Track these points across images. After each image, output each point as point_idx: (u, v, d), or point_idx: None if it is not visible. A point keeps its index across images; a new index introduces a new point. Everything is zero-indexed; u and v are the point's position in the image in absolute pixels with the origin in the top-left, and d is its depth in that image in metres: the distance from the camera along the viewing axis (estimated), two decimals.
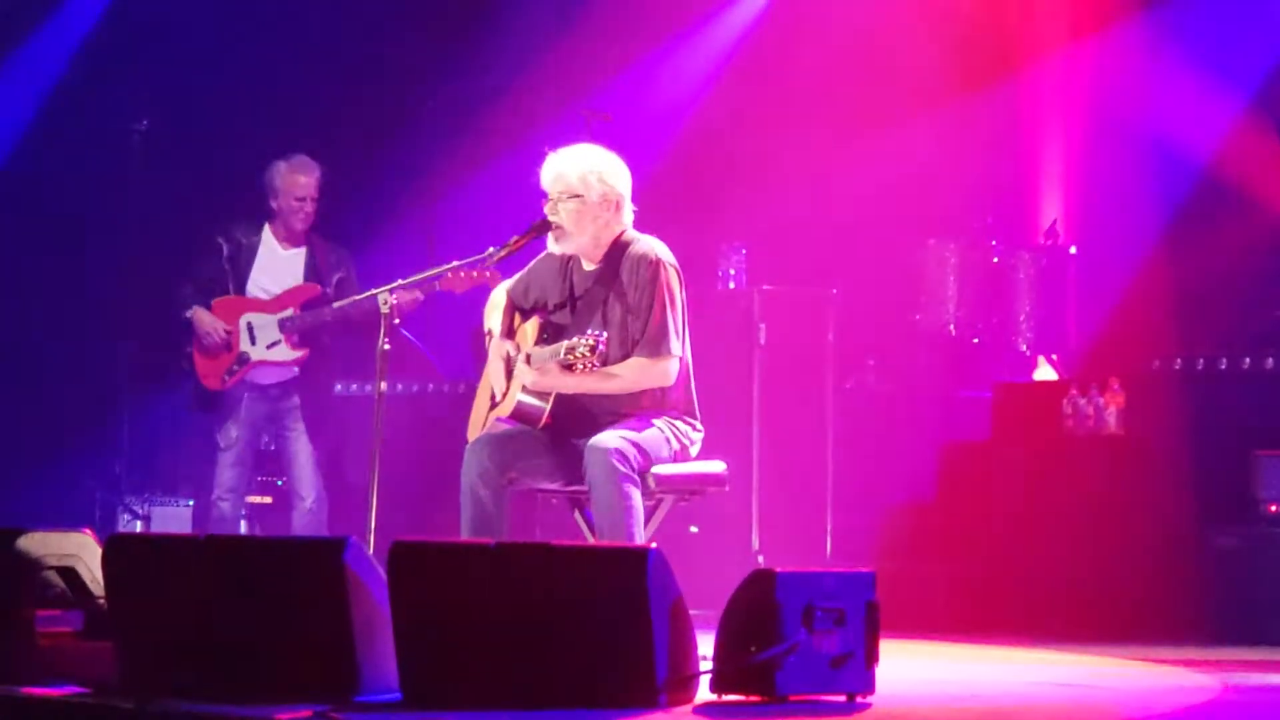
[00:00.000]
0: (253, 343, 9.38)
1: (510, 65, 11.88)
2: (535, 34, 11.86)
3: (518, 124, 11.42)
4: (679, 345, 6.86)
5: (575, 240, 6.94)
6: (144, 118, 11.26)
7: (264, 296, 9.43)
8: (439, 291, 8.86)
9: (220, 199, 10.09)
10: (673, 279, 6.89)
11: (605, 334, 6.69)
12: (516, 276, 7.24)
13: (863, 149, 11.18)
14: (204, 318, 9.40)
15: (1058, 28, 11.24)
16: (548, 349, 6.82)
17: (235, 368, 9.37)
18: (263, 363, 9.39)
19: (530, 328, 7.07)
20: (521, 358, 6.91)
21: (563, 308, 7.04)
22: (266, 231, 9.52)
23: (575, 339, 6.64)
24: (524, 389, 6.85)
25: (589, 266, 7.00)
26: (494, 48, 11.99)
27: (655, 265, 6.87)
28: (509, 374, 7.00)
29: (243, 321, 9.39)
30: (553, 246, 6.99)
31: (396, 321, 7.21)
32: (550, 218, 6.94)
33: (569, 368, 6.64)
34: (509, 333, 7.12)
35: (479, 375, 7.32)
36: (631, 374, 6.84)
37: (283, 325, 9.36)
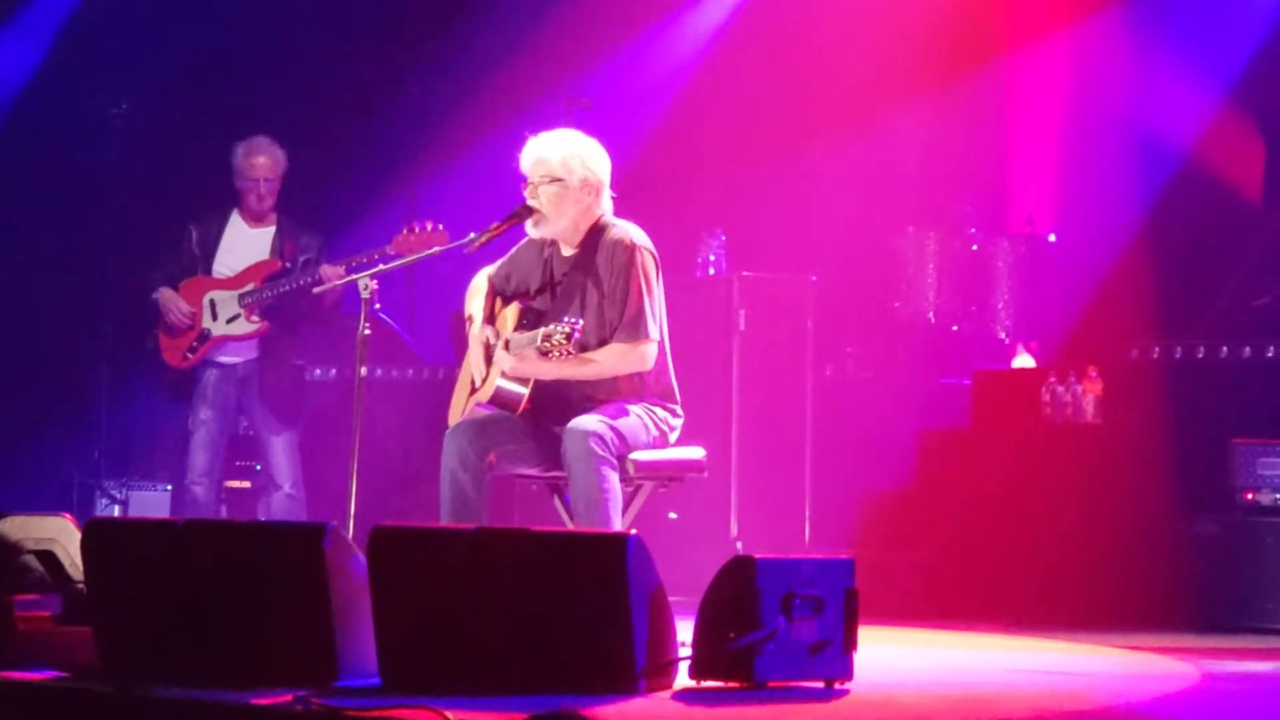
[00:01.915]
0: (214, 319, 9.38)
1: (492, 51, 11.86)
2: (517, 20, 11.84)
3: (499, 109, 11.40)
4: (656, 329, 6.87)
5: (554, 225, 6.93)
6: (123, 101, 11.25)
7: (228, 274, 9.44)
8: (392, 255, 8.82)
9: (200, 183, 10.07)
10: (649, 264, 6.89)
11: (581, 321, 6.69)
12: (498, 263, 7.24)
13: (842, 136, 11.19)
14: (167, 297, 9.42)
15: (1038, 16, 11.24)
16: (525, 335, 6.82)
17: (196, 344, 9.37)
18: (224, 338, 9.38)
19: (510, 313, 7.07)
20: (500, 344, 6.91)
21: (543, 293, 7.04)
22: (235, 214, 9.54)
23: (552, 326, 6.64)
24: (503, 374, 6.86)
25: (568, 252, 7.00)
26: (476, 33, 11.98)
27: (631, 250, 6.87)
28: (488, 360, 7.00)
29: (205, 299, 9.40)
30: (531, 231, 6.99)
31: (377, 306, 7.20)
32: (529, 202, 6.94)
33: (545, 354, 6.64)
34: (490, 319, 7.12)
35: (459, 360, 7.32)
36: (610, 359, 6.85)
37: (242, 299, 9.36)
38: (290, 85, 11.72)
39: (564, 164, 6.91)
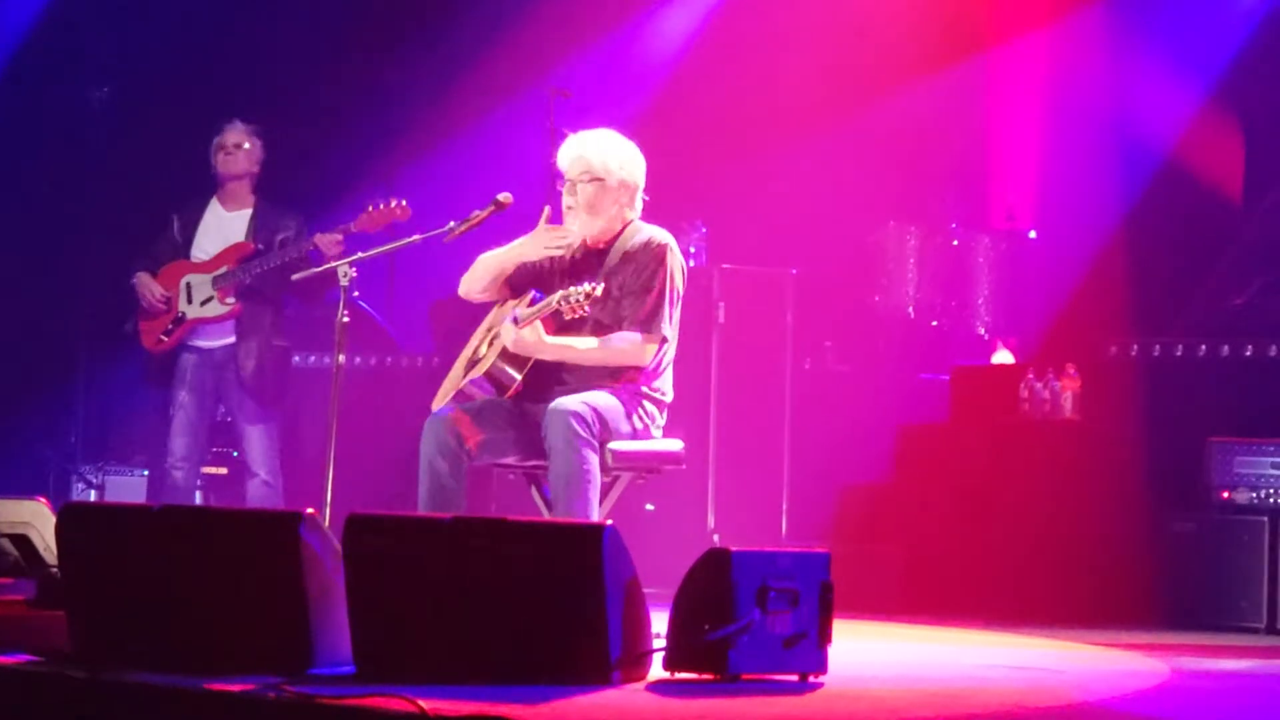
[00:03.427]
0: (189, 302, 9.37)
1: (473, 40, 11.85)
2: (499, 10, 11.82)
3: (479, 99, 11.40)
4: (669, 330, 6.88)
5: (590, 223, 6.95)
6: (105, 84, 11.23)
7: (205, 258, 9.43)
8: (355, 234, 8.87)
9: (181, 166, 10.06)
10: (677, 268, 6.92)
11: (602, 285, 6.68)
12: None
13: (824, 130, 11.19)
14: (143, 282, 9.42)
15: (1019, 13, 11.25)
16: (531, 309, 6.78)
17: (171, 327, 9.36)
18: (198, 320, 9.37)
19: (522, 303, 7.02)
20: (509, 318, 6.86)
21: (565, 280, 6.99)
22: (214, 199, 9.53)
23: (572, 288, 6.64)
24: (503, 352, 6.83)
25: (596, 244, 6.99)
26: (457, 22, 11.96)
27: (663, 248, 6.90)
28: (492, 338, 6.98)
29: (182, 283, 9.39)
30: (572, 225, 6.95)
31: (356, 294, 7.20)
32: (567, 199, 6.94)
33: (558, 313, 6.64)
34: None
35: (439, 349, 7.30)
36: (613, 345, 6.83)
37: (216, 282, 9.36)
38: (271, 72, 11.69)
39: (604, 164, 6.95)
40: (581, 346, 6.83)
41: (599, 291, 6.66)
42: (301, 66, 11.85)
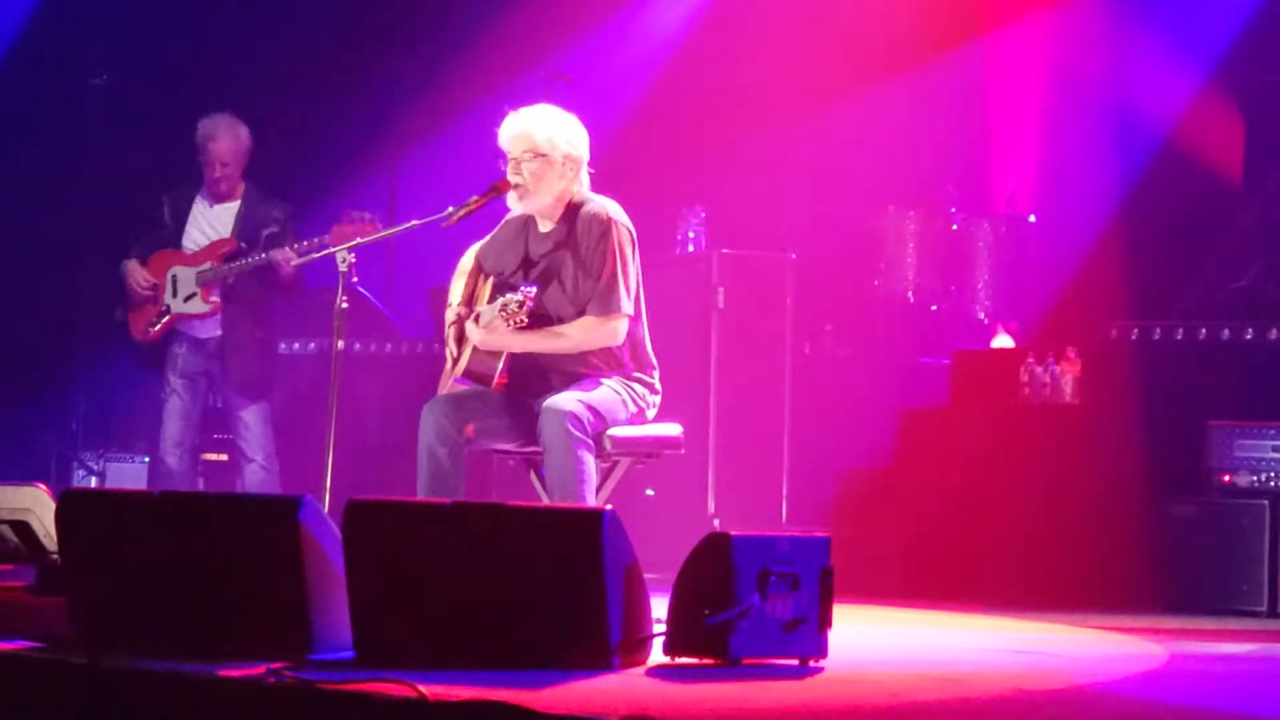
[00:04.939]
0: (174, 295, 9.37)
1: (473, 25, 11.83)
2: None
3: (479, 84, 11.38)
4: (629, 304, 6.84)
5: (536, 200, 6.92)
6: (103, 72, 11.22)
7: (193, 249, 9.43)
8: (328, 243, 8.87)
9: (178, 155, 10.05)
10: (624, 238, 6.88)
11: (535, 289, 6.67)
12: (485, 240, 7.22)
13: (824, 114, 11.18)
14: (131, 270, 9.42)
15: None
16: (490, 307, 6.81)
17: (157, 320, 9.37)
18: (181, 315, 9.37)
19: (486, 288, 7.06)
20: (471, 317, 6.89)
21: (520, 271, 7.03)
22: (204, 188, 9.51)
23: (508, 295, 6.65)
24: (475, 348, 6.85)
25: (545, 228, 6.99)
26: (457, 7, 11.95)
27: (606, 224, 6.86)
28: (461, 335, 6.99)
29: (169, 274, 9.39)
30: (514, 205, 6.97)
31: (355, 280, 7.19)
32: (511, 178, 6.92)
33: (506, 323, 6.64)
34: (470, 298, 7.11)
35: (438, 336, 7.30)
36: (580, 332, 6.83)
37: (199, 278, 9.35)
38: (269, 59, 11.68)
39: (548, 140, 6.90)
40: (547, 339, 6.82)
41: (532, 294, 6.63)
42: (300, 53, 11.83)
